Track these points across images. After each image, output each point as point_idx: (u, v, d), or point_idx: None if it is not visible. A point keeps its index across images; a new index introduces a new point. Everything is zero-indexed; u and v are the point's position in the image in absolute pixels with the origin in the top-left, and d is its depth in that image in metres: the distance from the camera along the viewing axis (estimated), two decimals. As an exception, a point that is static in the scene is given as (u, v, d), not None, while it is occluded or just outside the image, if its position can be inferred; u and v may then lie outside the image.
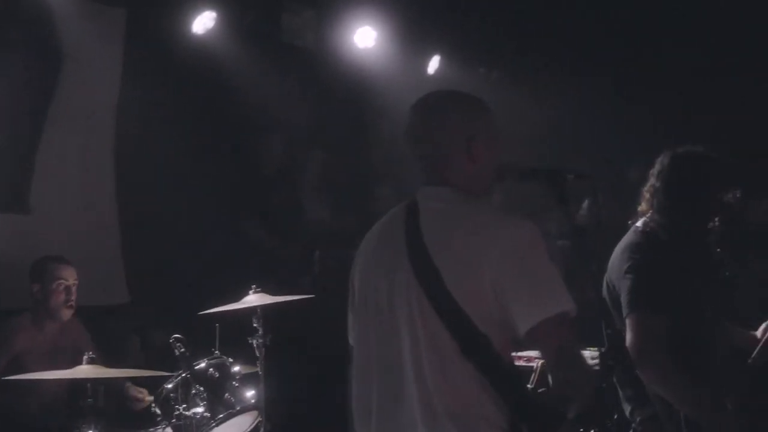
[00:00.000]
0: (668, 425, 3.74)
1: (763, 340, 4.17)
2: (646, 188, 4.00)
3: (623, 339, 3.78)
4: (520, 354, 5.82)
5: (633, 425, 3.95)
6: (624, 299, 3.81)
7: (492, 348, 2.64)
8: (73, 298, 5.46)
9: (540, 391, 2.83)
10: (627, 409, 3.99)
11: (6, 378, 4.76)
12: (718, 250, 4.08)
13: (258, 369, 5.33)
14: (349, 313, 3.02)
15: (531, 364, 5.75)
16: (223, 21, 6.90)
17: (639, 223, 3.99)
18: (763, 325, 4.23)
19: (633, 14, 7.83)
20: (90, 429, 4.54)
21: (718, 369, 3.88)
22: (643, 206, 3.99)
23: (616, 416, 4.41)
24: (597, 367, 5.24)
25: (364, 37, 7.77)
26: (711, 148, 4.02)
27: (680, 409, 3.73)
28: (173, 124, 6.71)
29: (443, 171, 2.82)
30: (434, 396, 2.65)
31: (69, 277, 5.46)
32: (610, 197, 7.18)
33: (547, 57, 8.37)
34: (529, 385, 3.01)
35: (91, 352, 4.74)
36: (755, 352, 4.12)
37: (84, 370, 4.62)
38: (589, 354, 5.65)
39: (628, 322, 3.78)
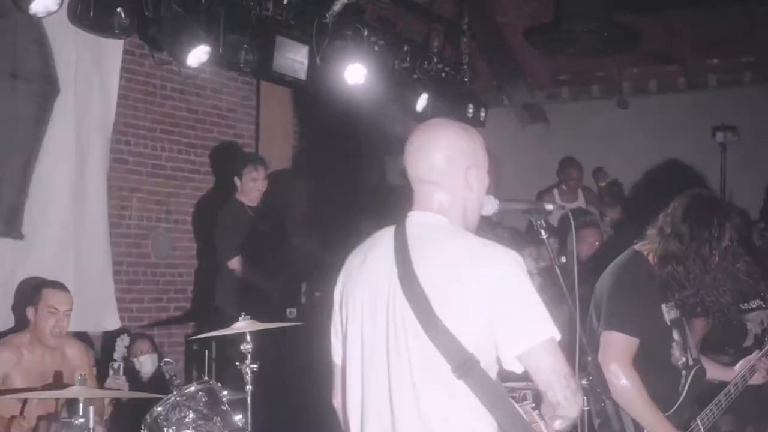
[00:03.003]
0: None
1: (738, 374, 4.33)
2: (661, 217, 4.08)
3: None
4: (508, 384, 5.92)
5: None
6: (603, 315, 3.95)
7: (480, 368, 2.73)
8: (63, 324, 5.48)
9: (531, 406, 2.91)
10: (596, 423, 4.10)
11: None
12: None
13: (246, 395, 5.43)
14: (332, 331, 3.05)
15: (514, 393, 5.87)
16: (217, 53, 7.04)
17: (638, 246, 4.11)
18: (741, 362, 4.40)
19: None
20: (80, 450, 4.61)
21: (685, 397, 4.02)
22: (652, 232, 4.07)
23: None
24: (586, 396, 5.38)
25: (355, 74, 7.91)
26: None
27: (644, 427, 3.85)
28: (164, 153, 6.85)
29: (438, 197, 2.89)
30: (425, 416, 2.74)
31: (60, 304, 5.48)
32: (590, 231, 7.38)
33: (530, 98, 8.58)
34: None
35: (84, 373, 4.82)
36: (729, 386, 4.27)
37: (74, 390, 4.70)
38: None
39: (602, 337, 3.91)
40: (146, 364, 6.22)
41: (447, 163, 2.88)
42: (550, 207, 3.20)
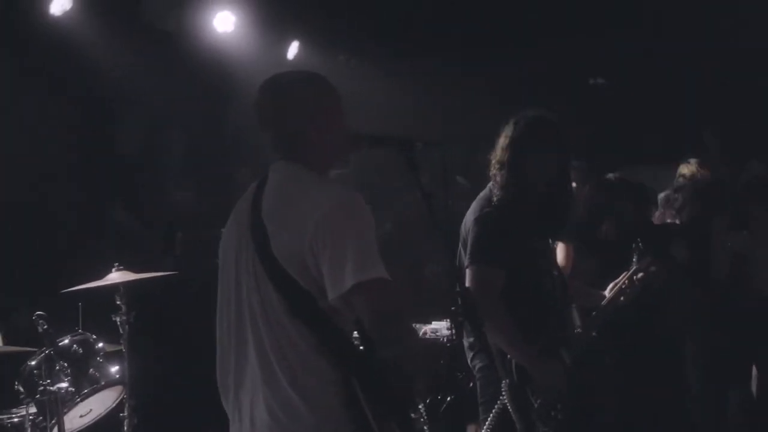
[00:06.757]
0: (501, 372, 3.96)
1: (608, 298, 4.50)
2: (498, 147, 4.20)
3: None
4: (426, 327, 6.04)
5: (474, 372, 4.21)
6: (467, 250, 4.06)
7: (318, 307, 2.79)
8: None
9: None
10: (469, 356, 4.24)
11: None
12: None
13: (122, 346, 5.40)
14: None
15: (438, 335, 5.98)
16: (82, 2, 6.86)
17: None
18: (610, 286, 4.55)
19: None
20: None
21: (554, 322, 4.16)
22: (494, 165, 4.18)
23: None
24: (450, 328, 5.48)
25: (224, 22, 7.83)
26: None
27: (511, 357, 3.99)
28: (32, 104, 6.66)
29: (292, 146, 2.96)
30: (270, 356, 2.83)
31: None
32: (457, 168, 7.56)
33: (402, 43, 8.66)
34: None
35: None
36: (597, 309, 4.45)
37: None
38: (443, 324, 5.94)
39: (467, 272, 4.02)
40: None
41: (296, 112, 2.95)
42: (417, 142, 3.25)
